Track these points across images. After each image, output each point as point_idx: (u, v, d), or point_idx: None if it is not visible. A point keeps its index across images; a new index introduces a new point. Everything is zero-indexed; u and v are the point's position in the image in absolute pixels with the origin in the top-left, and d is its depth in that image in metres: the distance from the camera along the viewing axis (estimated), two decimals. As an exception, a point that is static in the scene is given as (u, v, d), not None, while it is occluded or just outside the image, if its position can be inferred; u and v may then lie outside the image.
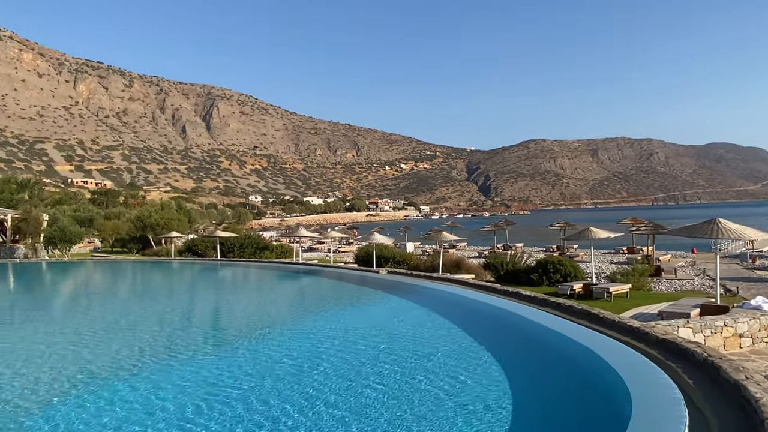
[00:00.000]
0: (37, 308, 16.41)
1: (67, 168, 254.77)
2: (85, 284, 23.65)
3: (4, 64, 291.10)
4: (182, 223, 42.54)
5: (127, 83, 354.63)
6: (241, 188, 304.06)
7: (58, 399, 6.89)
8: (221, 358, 8.87)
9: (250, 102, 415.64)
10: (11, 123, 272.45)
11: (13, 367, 8.49)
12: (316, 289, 19.80)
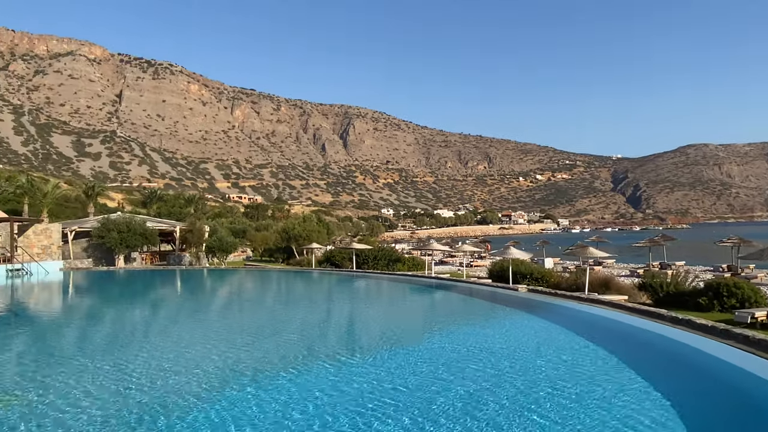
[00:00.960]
0: (200, 310, 18.40)
1: (225, 185, 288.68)
2: (239, 290, 26.07)
3: (176, 95, 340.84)
4: (321, 235, 45.20)
5: (275, 107, 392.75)
6: (374, 202, 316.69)
7: (210, 395, 7.40)
8: (353, 366, 8.90)
9: (383, 119, 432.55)
10: (181, 146, 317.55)
11: (173, 361, 9.43)
12: (450, 304, 19.38)
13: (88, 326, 14.89)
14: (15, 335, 13.53)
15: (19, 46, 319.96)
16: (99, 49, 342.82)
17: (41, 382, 8.27)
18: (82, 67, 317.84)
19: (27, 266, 30.17)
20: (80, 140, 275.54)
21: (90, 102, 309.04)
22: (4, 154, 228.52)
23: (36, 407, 7.00)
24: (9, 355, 10.98)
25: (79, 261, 37.66)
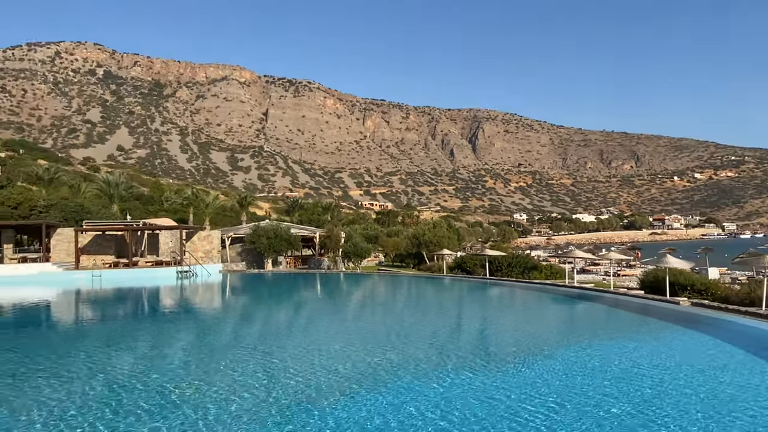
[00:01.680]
0: (341, 311, 19.47)
1: (358, 192, 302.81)
2: (375, 294, 27.07)
3: (313, 110, 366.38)
4: (452, 241, 45.10)
5: (404, 115, 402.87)
6: (506, 206, 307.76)
7: (343, 395, 7.74)
8: (483, 376, 8.66)
9: (515, 120, 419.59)
10: (318, 157, 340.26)
11: (309, 360, 10.06)
12: (595, 316, 18.01)
13: (247, 322, 16.58)
14: (189, 329, 15.54)
15: (183, 75, 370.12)
16: (248, 73, 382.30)
17: (215, 370, 9.38)
18: (234, 90, 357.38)
19: (193, 268, 34.59)
20: (234, 156, 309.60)
21: (241, 121, 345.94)
22: (172, 170, 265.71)
23: (214, 392, 7.94)
24: (186, 345, 12.64)
25: (235, 264, 42.20)
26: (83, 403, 7.46)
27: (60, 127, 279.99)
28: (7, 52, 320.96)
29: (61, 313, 20.17)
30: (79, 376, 9.26)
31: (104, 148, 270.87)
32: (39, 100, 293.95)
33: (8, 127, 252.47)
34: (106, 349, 12.06)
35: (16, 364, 10.35)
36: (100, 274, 30.90)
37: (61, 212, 40.09)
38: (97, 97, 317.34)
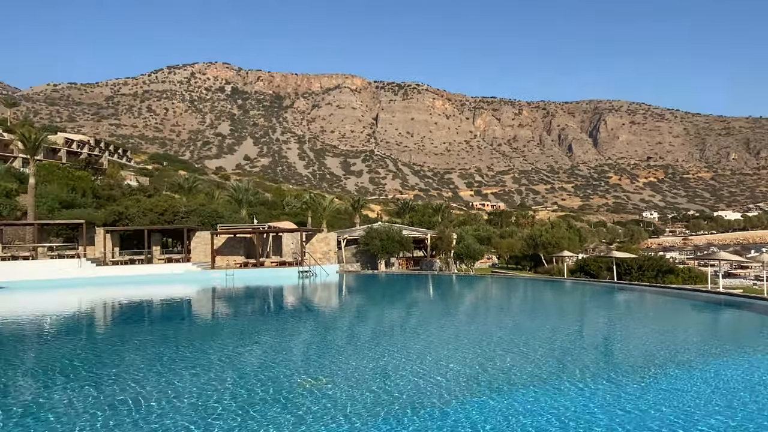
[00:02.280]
0: (453, 313, 19.38)
1: (468, 193, 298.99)
2: (489, 297, 26.54)
3: (422, 111, 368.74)
4: (573, 242, 42.71)
5: (516, 112, 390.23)
6: (633, 204, 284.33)
7: (458, 399, 7.65)
8: (626, 386, 8.03)
9: (642, 110, 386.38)
10: (427, 159, 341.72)
11: (422, 364, 10.09)
12: (748, 326, 15.94)
13: (365, 321, 17.19)
14: (312, 325, 16.48)
15: (300, 86, 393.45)
16: (359, 80, 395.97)
17: (335, 366, 9.86)
18: (346, 98, 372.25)
19: (313, 268, 36.60)
20: (346, 161, 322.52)
21: (353, 127, 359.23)
22: (292, 176, 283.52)
23: (339, 387, 8.36)
24: (309, 341, 13.42)
25: (350, 265, 43.90)
26: (221, 390, 8.24)
27: (196, 141, 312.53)
28: (151, 76, 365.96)
29: (202, 308, 22.49)
30: (216, 366, 10.24)
31: (233, 158, 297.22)
32: (178, 117, 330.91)
33: (154, 143, 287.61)
34: (239, 341, 13.22)
35: (166, 352, 11.75)
36: (233, 273, 33.93)
37: (199, 217, 44.68)
38: (226, 111, 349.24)
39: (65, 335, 15.14)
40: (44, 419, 6.97)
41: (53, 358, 11.57)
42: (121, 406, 7.46)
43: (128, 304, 23.29)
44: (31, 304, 23.24)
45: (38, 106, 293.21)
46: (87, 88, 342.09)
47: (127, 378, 9.21)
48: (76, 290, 28.15)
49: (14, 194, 50.83)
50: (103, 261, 36.00)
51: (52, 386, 8.87)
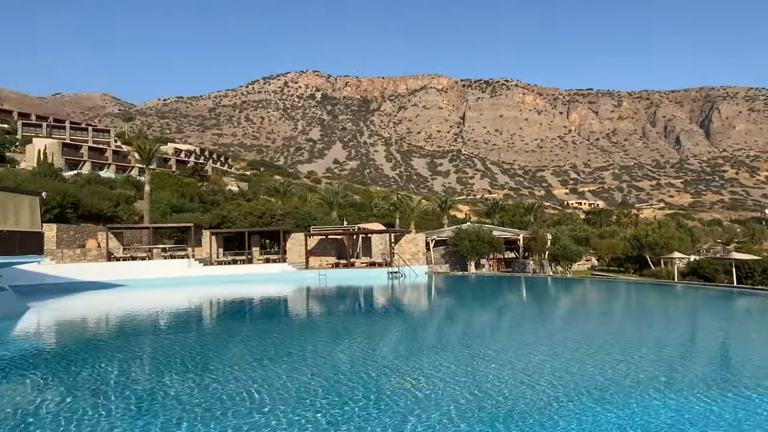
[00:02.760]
0: (548, 318, 18.57)
1: (563, 191, 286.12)
2: (587, 300, 25.14)
3: (512, 108, 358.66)
4: (684, 243, 39.34)
5: (615, 104, 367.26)
6: (753, 200, 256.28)
7: (551, 408, 7.22)
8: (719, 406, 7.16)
9: (763, 95, 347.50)
10: (518, 157, 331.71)
11: (517, 369, 9.67)
12: None
13: (456, 322, 16.99)
14: (402, 326, 16.58)
15: (387, 89, 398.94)
16: (445, 80, 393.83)
17: (431, 366, 9.82)
18: (432, 98, 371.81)
19: (402, 269, 36.87)
20: (433, 161, 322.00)
21: (439, 127, 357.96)
22: (379, 178, 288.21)
23: (432, 388, 8.32)
24: (400, 341, 13.51)
25: (438, 266, 43.68)
26: (323, 386, 8.50)
27: (289, 147, 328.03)
28: (248, 87, 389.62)
29: (298, 306, 23.50)
30: (315, 362, 10.59)
31: (323, 162, 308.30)
32: (273, 125, 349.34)
33: (251, 150, 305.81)
34: (333, 339, 13.60)
35: (267, 348, 12.37)
36: (326, 273, 35.12)
37: (293, 219, 46.80)
38: (317, 117, 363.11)
39: (178, 329, 16.48)
40: (160, 408, 7.58)
41: (168, 350, 12.63)
42: (228, 397, 7.94)
43: (232, 301, 24.89)
44: (148, 300, 25.61)
45: (151, 119, 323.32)
46: (192, 102, 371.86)
47: (234, 371, 9.80)
48: (186, 288, 30.60)
49: (132, 200, 56.40)
50: (209, 261, 38.79)
51: (167, 376, 9.67)
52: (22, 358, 12.27)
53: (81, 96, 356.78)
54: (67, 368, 10.77)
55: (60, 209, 42.71)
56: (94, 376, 9.80)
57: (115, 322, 18.45)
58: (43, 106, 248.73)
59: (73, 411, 7.40)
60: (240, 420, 6.86)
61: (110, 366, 10.70)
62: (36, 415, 7.35)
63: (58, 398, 8.33)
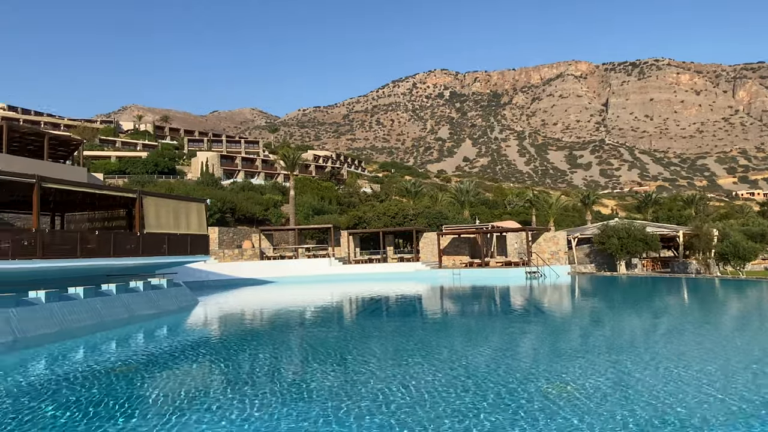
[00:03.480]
0: (718, 325, 16.31)
1: (730, 180, 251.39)
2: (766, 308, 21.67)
3: (664, 90, 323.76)
4: None
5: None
6: None
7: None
8: None
9: None
10: (672, 143, 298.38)
11: (681, 382, 8.49)
12: None
13: (606, 327, 15.73)
14: (542, 329, 15.78)
15: (518, 81, 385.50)
16: (584, 65, 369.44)
17: (578, 373, 9.16)
18: (569, 86, 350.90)
19: (541, 269, 35.23)
20: (572, 153, 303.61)
21: (578, 116, 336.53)
22: (512, 173, 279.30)
23: (586, 394, 7.75)
24: (539, 345, 12.84)
25: (582, 266, 40.93)
26: (448, 388, 8.36)
27: (418, 147, 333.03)
28: (378, 92, 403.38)
29: (432, 305, 23.64)
30: (446, 362, 10.48)
31: (453, 160, 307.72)
32: (402, 127, 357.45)
33: (382, 152, 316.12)
34: (467, 339, 13.37)
35: (404, 345, 12.56)
36: (459, 272, 34.90)
37: (425, 219, 47.28)
38: (445, 116, 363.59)
39: (323, 324, 17.52)
40: (306, 398, 8.05)
41: (314, 342, 13.45)
42: (369, 392, 8.17)
43: (370, 298, 25.85)
44: (296, 295, 27.66)
45: (292, 129, 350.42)
46: (328, 110, 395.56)
47: (374, 366, 10.09)
48: (327, 285, 32.52)
49: (279, 204, 61.52)
50: (348, 260, 40.79)
51: (312, 368, 10.28)
52: (196, 344, 14.00)
53: (234, 112, 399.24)
54: (231, 354, 12.13)
55: (220, 214, 48.08)
56: (252, 361, 10.86)
57: (268, 315, 20.21)
58: (203, 123, 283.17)
59: (235, 392, 8.19)
60: (385, 417, 7.00)
61: (266, 354, 11.77)
62: (206, 391, 8.27)
63: (224, 379, 9.39)
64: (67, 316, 15.47)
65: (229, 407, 7.50)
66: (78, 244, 18.59)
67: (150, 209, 22.36)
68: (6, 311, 13.76)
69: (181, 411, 7.42)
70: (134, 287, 19.61)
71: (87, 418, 7.21)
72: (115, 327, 16.23)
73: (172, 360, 11.71)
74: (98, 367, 10.78)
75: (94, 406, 7.80)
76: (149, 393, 8.71)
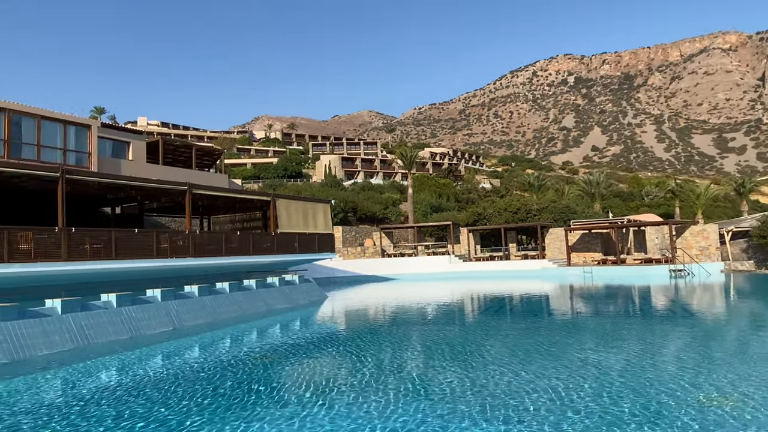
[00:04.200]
0: None
1: None
2: None
3: None
4: None
5: None
6: None
7: None
8: None
9: None
10: None
11: None
12: None
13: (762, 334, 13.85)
14: (689, 334, 14.30)
15: (654, 60, 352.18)
16: (733, 36, 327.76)
17: (740, 384, 8.18)
18: (716, 61, 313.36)
19: (688, 267, 31.91)
20: (721, 136, 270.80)
21: (728, 94, 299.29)
22: (649, 162, 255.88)
23: (753, 407, 6.92)
24: (694, 352, 11.65)
25: (739, 263, 36.33)
26: (576, 393, 7.88)
27: (540, 138, 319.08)
28: (496, 84, 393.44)
29: (561, 305, 22.55)
30: (574, 366, 9.91)
31: (579, 150, 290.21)
32: (522, 118, 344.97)
33: (501, 146, 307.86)
34: (600, 343, 12.53)
35: (530, 345, 12.14)
36: (591, 270, 32.85)
37: (550, 214, 45.21)
38: (570, 104, 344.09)
39: (445, 321, 17.58)
40: (429, 397, 8.13)
41: (435, 340, 13.55)
42: (493, 393, 8.04)
43: (492, 296, 25.39)
44: (417, 293, 28.06)
45: (408, 128, 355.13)
46: (443, 107, 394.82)
47: (497, 366, 9.91)
48: (448, 283, 32.53)
49: (398, 203, 62.80)
50: (468, 257, 40.42)
51: (433, 365, 10.36)
52: (326, 335, 14.89)
53: (353, 115, 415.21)
54: (357, 346, 12.78)
55: (343, 213, 50.36)
56: (376, 355, 11.27)
57: (391, 311, 20.77)
58: (325, 128, 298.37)
59: (362, 384, 8.55)
60: (500, 415, 6.86)
61: (392, 349, 12.16)
62: (335, 378, 8.75)
63: (351, 369, 9.90)
64: (216, 309, 17.27)
65: (366, 400, 7.83)
66: (223, 243, 20.67)
67: (282, 210, 24.13)
68: (168, 304, 15.74)
69: (322, 400, 7.94)
70: (270, 283, 21.30)
71: (248, 399, 8.01)
72: (256, 319, 17.77)
73: (309, 351, 12.55)
74: (249, 355, 11.91)
75: (253, 388, 8.64)
76: (293, 380, 9.44)
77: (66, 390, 9.30)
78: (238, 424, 6.85)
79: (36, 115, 18.61)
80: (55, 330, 12.24)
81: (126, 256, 16.64)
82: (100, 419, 7.27)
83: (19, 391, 9.12)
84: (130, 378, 10.03)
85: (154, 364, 11.46)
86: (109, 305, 14.08)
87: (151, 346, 13.33)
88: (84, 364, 11.17)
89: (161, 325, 15.03)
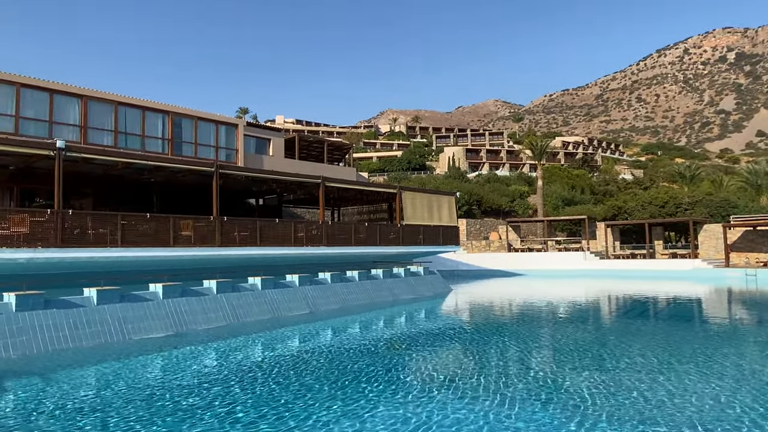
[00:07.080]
0: None
1: None
2: None
3: None
4: None
5: None
6: None
7: None
8: None
9: None
10: None
11: None
12: None
13: None
14: None
15: None
16: None
17: None
18: None
19: None
20: None
21: None
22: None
23: None
24: None
25: None
26: (726, 409, 7.10)
27: (693, 123, 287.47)
28: (639, 65, 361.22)
29: (716, 310, 20.36)
30: (725, 378, 8.95)
31: (741, 136, 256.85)
32: (671, 101, 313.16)
33: (645, 133, 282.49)
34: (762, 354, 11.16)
35: (674, 353, 11.20)
36: (755, 272, 29.12)
37: (705, 208, 40.79)
38: (730, 83, 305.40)
39: (578, 322, 16.81)
40: (558, 399, 7.91)
41: (564, 340, 13.05)
42: (627, 399, 7.62)
43: (634, 298, 23.67)
44: (547, 290, 27.08)
45: (537, 116, 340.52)
46: (577, 92, 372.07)
47: (633, 373, 9.32)
48: (582, 281, 30.91)
49: (526, 195, 60.84)
50: (605, 254, 38.00)
51: (563, 367, 10.02)
52: (451, 328, 15.10)
53: (477, 106, 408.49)
54: (480, 341, 12.79)
55: (467, 206, 50.07)
56: (499, 352, 11.23)
57: (518, 308, 20.34)
58: (449, 120, 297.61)
59: (487, 381, 8.60)
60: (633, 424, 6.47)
61: (518, 347, 12.02)
62: (458, 372, 8.90)
63: (473, 363, 10.05)
64: (347, 296, 18.32)
65: (486, 398, 7.89)
66: (352, 234, 21.79)
67: (407, 203, 24.75)
68: (304, 289, 17.06)
69: (446, 391, 8.17)
70: (397, 273, 22.01)
71: (381, 381, 8.54)
72: (383, 308, 18.53)
73: (434, 342, 12.85)
74: (380, 341, 12.56)
75: (384, 372, 9.17)
76: (421, 370, 9.81)
77: (265, 354, 10.62)
78: (369, 399, 7.34)
79: (193, 116, 21.17)
80: (211, 308, 13.93)
81: (268, 244, 18.31)
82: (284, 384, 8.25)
83: (236, 349, 10.59)
84: (292, 352, 11.14)
85: (320, 339, 12.58)
86: (255, 287, 15.65)
87: (292, 326, 14.58)
88: (245, 338, 12.66)
89: (299, 308, 16.33)
